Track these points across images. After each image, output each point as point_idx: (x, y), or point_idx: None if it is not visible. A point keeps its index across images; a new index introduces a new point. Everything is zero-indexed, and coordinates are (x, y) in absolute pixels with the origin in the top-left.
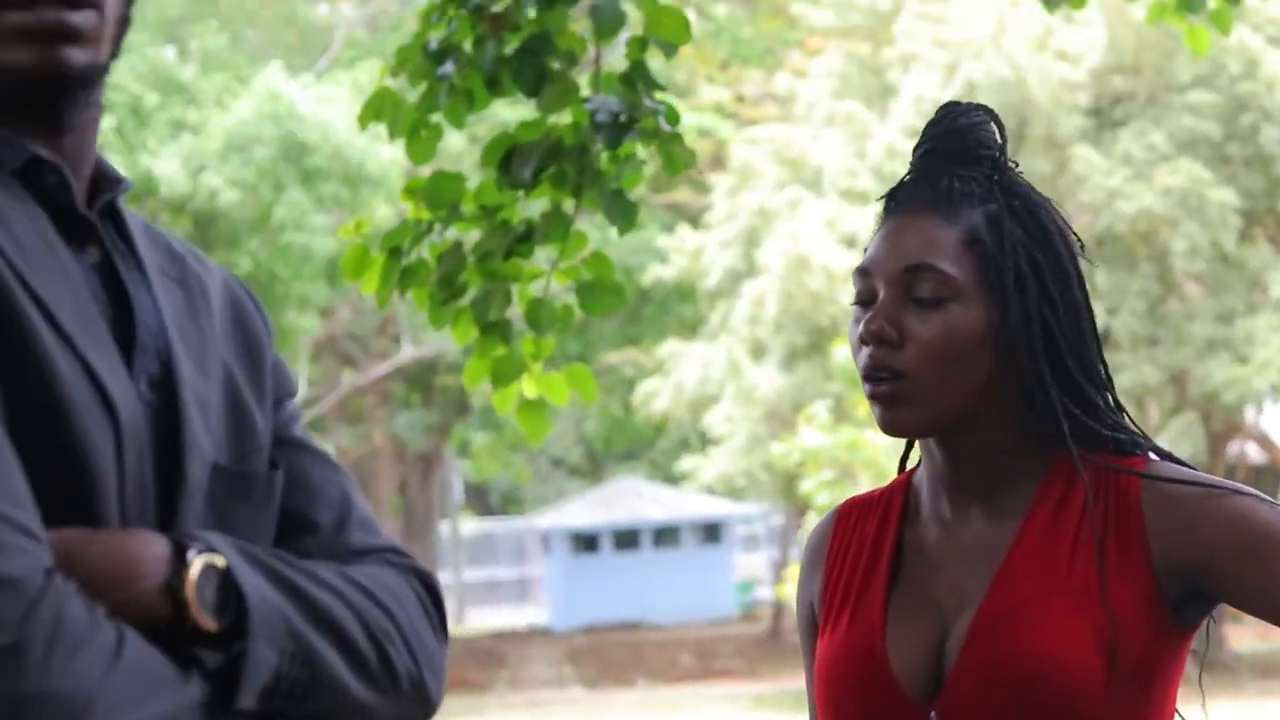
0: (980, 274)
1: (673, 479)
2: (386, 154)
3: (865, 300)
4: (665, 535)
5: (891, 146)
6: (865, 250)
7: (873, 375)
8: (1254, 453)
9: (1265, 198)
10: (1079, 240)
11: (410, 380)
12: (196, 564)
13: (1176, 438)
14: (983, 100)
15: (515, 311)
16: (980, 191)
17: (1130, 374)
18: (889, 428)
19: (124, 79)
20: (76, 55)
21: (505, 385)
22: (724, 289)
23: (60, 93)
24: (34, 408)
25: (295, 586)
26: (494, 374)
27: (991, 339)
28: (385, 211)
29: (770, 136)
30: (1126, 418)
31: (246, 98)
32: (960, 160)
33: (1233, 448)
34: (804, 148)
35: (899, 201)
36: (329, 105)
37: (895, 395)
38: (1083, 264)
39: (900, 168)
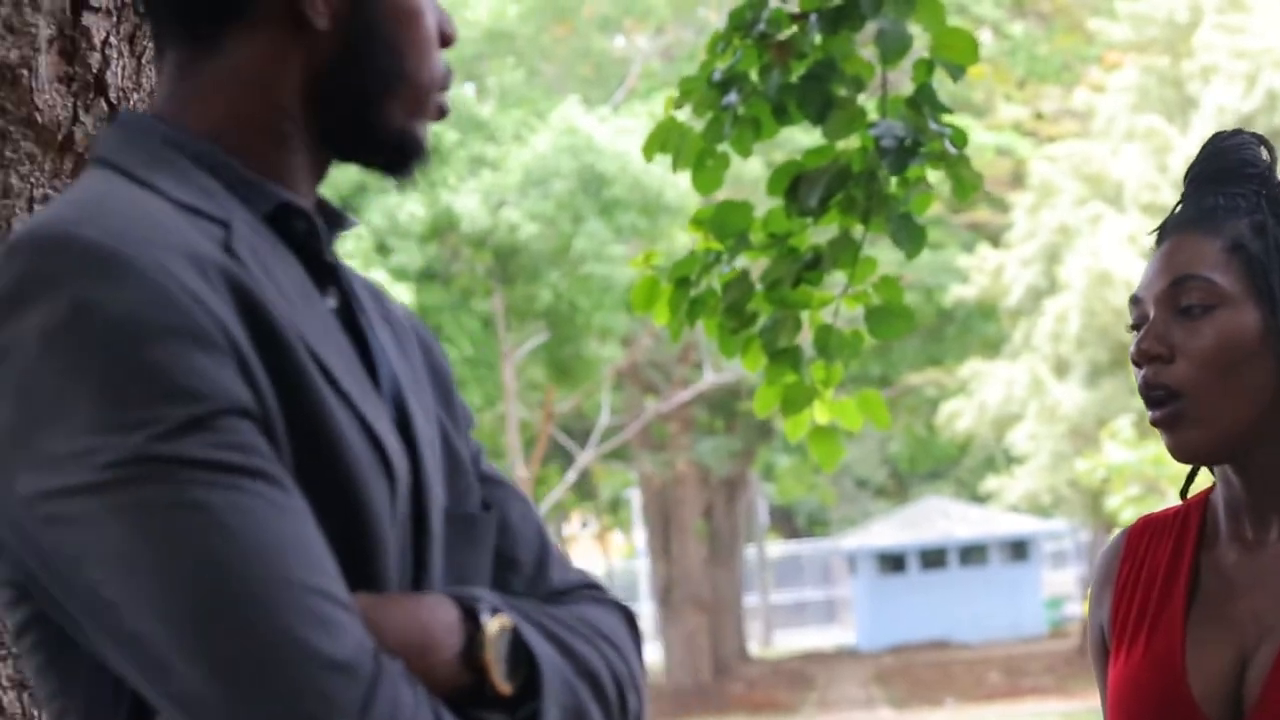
0: (1247, 279)
1: (978, 498)
2: (684, 183)
3: (1138, 325)
4: (972, 554)
5: (1192, 158)
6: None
7: (1149, 395)
8: None
9: None
10: None
11: (713, 406)
12: (492, 627)
13: None
14: None
15: (804, 338)
16: (1246, 205)
17: None
18: (1177, 452)
19: None
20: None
21: (796, 413)
22: (1025, 307)
23: (425, 161)
24: (324, 469)
25: (559, 638)
26: (784, 401)
27: (1268, 344)
28: (684, 240)
29: (1069, 153)
30: None
31: (544, 132)
32: (1225, 180)
33: None
34: (1104, 163)
35: (1168, 227)
36: (626, 136)
37: (1175, 416)
38: None
39: None
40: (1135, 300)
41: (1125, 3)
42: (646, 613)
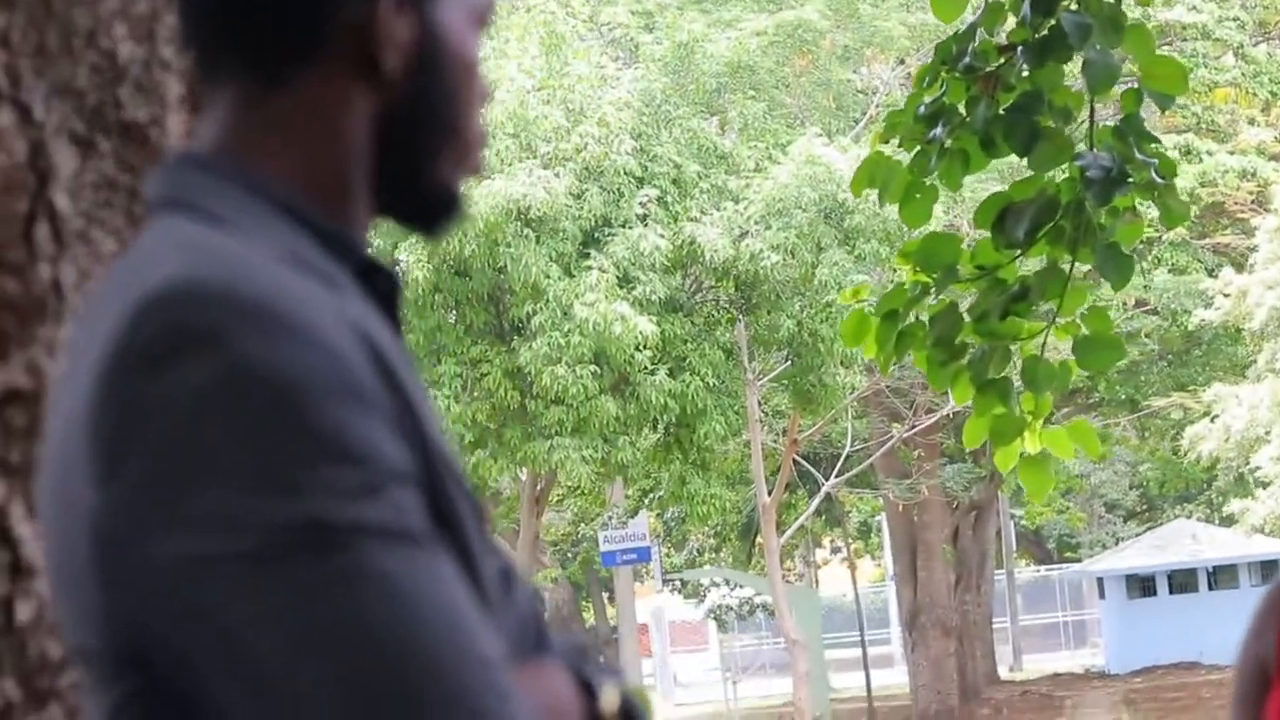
0: None
1: (1227, 520)
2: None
3: None
4: (1222, 575)
5: None
6: None
7: None
8: None
9: None
10: None
11: (958, 431)
12: (611, 695)
13: None
14: None
15: (1012, 369)
16: None
17: None
18: None
19: (667, 151)
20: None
21: (1005, 444)
22: (1270, 330)
23: (460, 217)
24: (449, 532)
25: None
26: (994, 433)
27: None
28: None
29: None
30: None
31: (785, 163)
32: None
33: None
34: None
35: None
36: None
37: None
38: None
39: None
40: None
41: None
42: (895, 637)
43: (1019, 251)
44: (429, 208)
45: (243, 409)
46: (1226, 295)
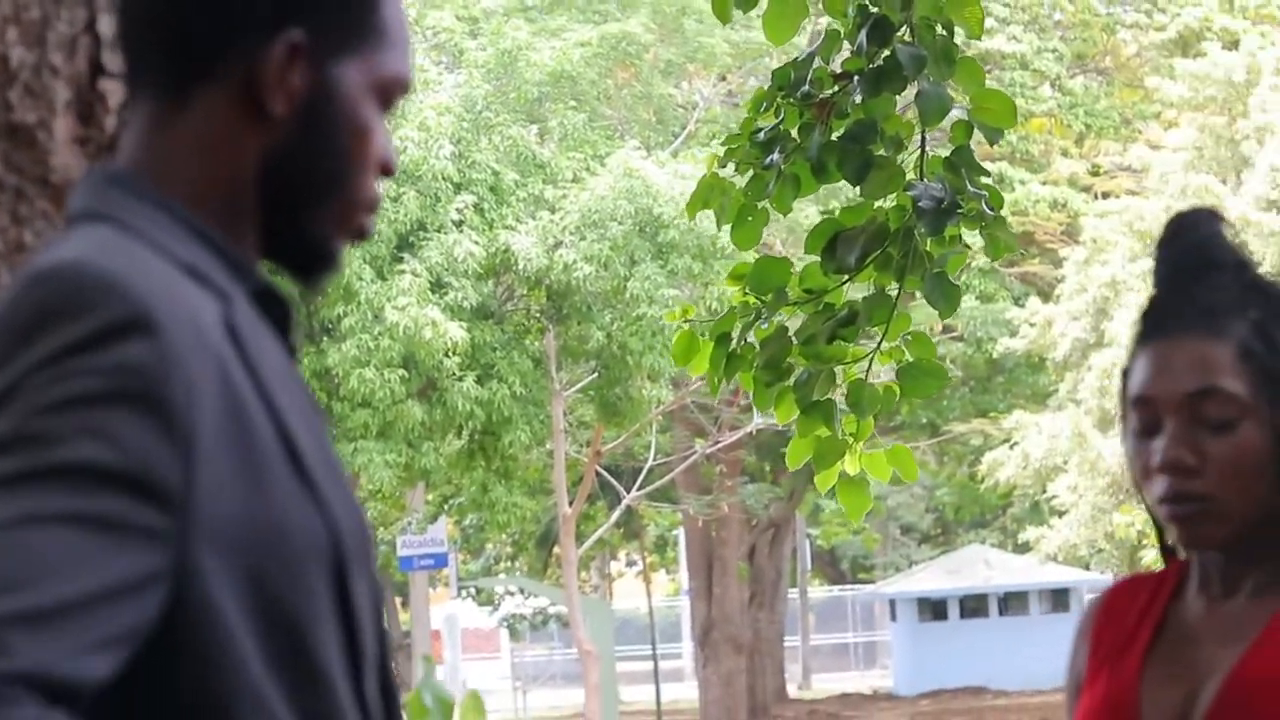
0: (1258, 387)
1: (1021, 547)
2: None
3: (1149, 427)
4: (1013, 602)
5: (1244, 219)
6: (1132, 376)
7: (1176, 500)
8: None
9: None
10: None
11: (760, 449)
12: None
13: None
14: None
15: (836, 392)
16: (1237, 300)
17: None
18: (1192, 544)
19: (485, 157)
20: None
21: (827, 466)
22: (1073, 360)
23: (335, 274)
24: (282, 564)
25: None
26: (817, 455)
27: (1272, 449)
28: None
29: (1123, 208)
30: None
31: (603, 175)
32: (1206, 271)
33: None
34: (1156, 219)
35: (1159, 323)
36: (684, 182)
37: (1202, 515)
38: None
39: (1254, 240)
40: (1144, 402)
41: (1184, 61)
42: (687, 652)
43: (846, 277)
44: (303, 257)
45: (80, 371)
46: (1032, 325)
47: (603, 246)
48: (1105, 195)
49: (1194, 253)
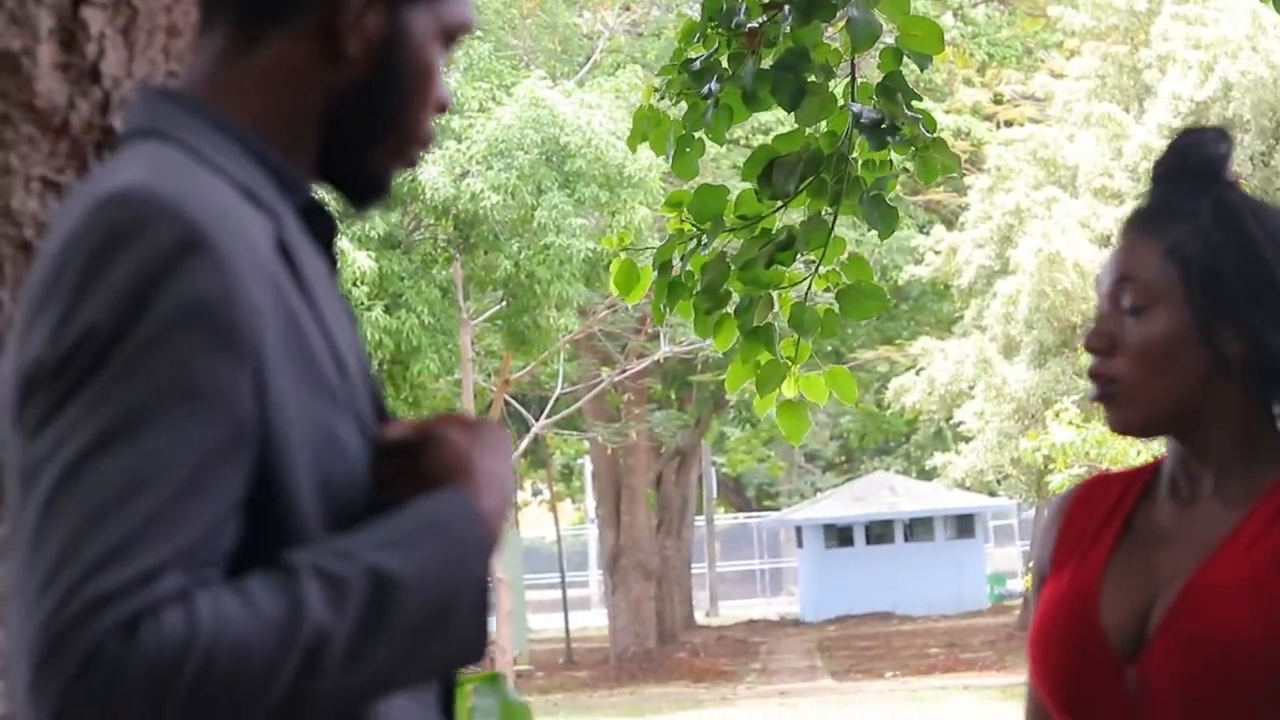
0: (1182, 280)
1: (926, 474)
2: (645, 157)
3: (1096, 314)
4: (918, 528)
5: (1147, 146)
6: None
7: (1092, 380)
8: None
9: None
10: None
11: (668, 378)
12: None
13: None
14: (1239, 99)
15: (774, 317)
16: (1192, 206)
17: None
18: (1112, 426)
19: None
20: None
21: (769, 390)
22: (978, 287)
23: (385, 201)
24: (331, 461)
25: None
26: (759, 380)
27: (1198, 342)
28: (644, 213)
29: (1026, 137)
30: None
31: (509, 104)
32: (1181, 179)
33: None
34: (1059, 148)
35: (1126, 223)
36: (590, 111)
37: (1110, 398)
38: None
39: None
40: (1096, 288)
41: None
42: (594, 580)
43: (782, 203)
44: (359, 186)
45: (140, 299)
46: (937, 252)
47: (509, 176)
48: (1009, 124)
49: (1174, 160)
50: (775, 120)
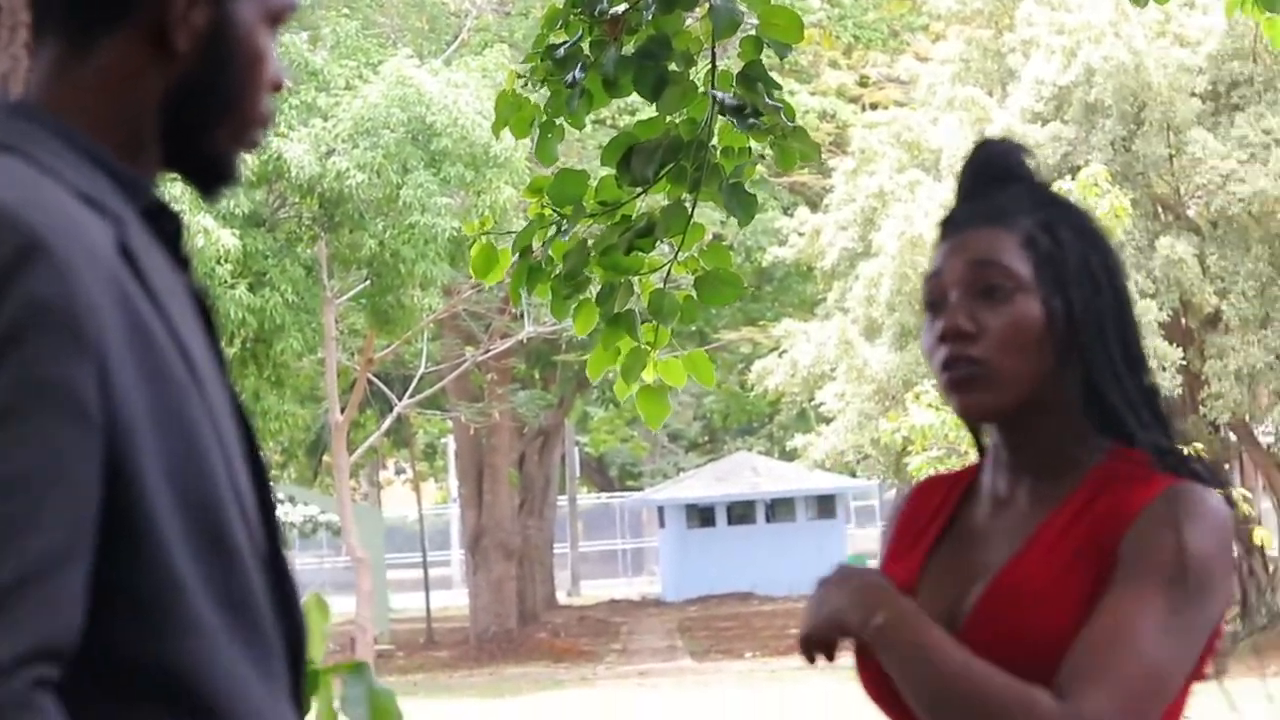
0: (1038, 271)
1: (788, 455)
2: (510, 138)
3: (936, 302)
4: (780, 509)
5: (1010, 130)
6: (932, 262)
7: (951, 365)
8: None
9: None
10: (1116, 251)
11: (531, 357)
12: None
13: None
14: (1101, 85)
15: (635, 302)
16: (1029, 204)
17: (1239, 355)
18: (967, 411)
19: None
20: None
21: (633, 376)
22: (841, 269)
23: (233, 182)
24: (186, 457)
25: None
26: (624, 368)
27: (1051, 333)
28: (509, 193)
29: (891, 120)
30: (1157, 406)
31: (376, 83)
32: (1002, 181)
33: None
34: (923, 131)
35: (956, 223)
36: (456, 90)
37: (973, 379)
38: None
39: None
40: (933, 276)
41: None
42: (457, 559)
43: (641, 189)
44: (205, 172)
45: None
46: (801, 234)
47: (375, 154)
48: (873, 106)
49: (993, 166)
50: (641, 101)
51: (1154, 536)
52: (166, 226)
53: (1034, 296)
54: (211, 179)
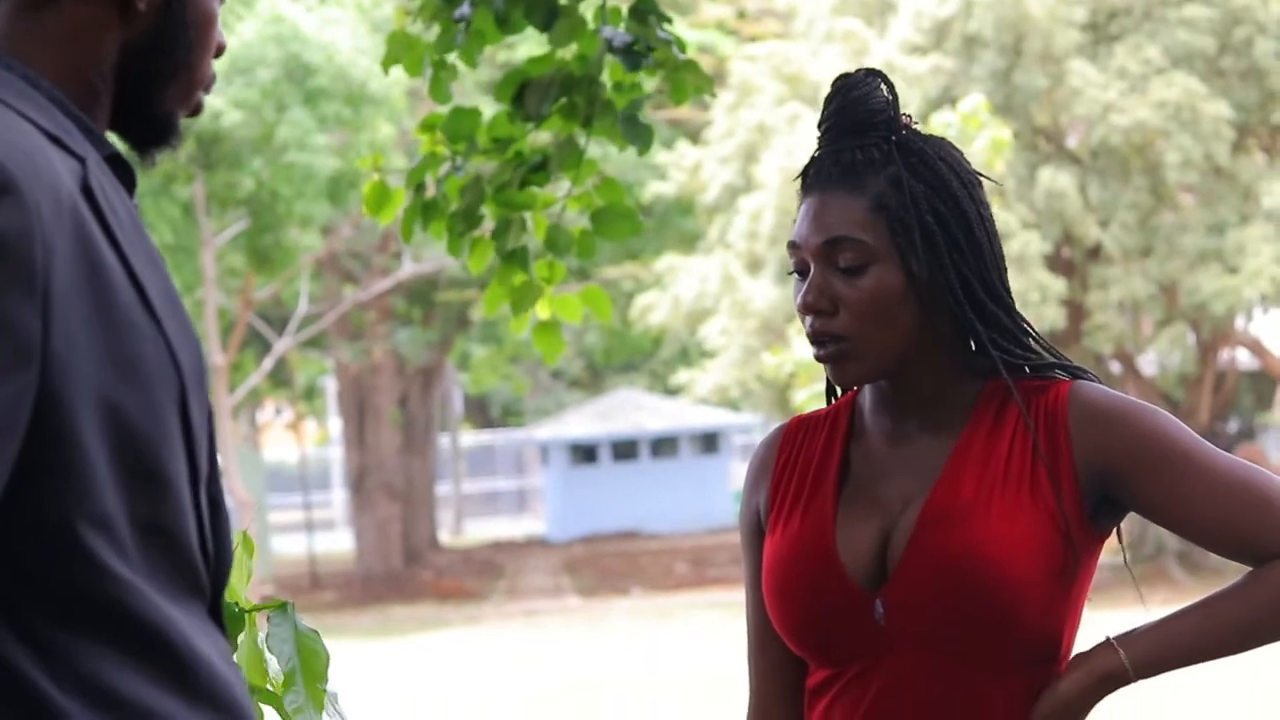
0: (890, 236)
1: (671, 391)
2: (390, 74)
3: (801, 270)
4: (663, 446)
5: (890, 63)
6: (795, 225)
7: (816, 340)
8: (1245, 359)
9: (1258, 110)
10: (977, 174)
11: (411, 296)
12: None
13: (1168, 347)
14: (980, 16)
15: (529, 238)
16: (880, 157)
17: (1121, 286)
18: (841, 381)
19: None
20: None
21: (524, 310)
22: (722, 204)
23: (175, 145)
24: (135, 390)
25: None
26: (514, 301)
27: (912, 292)
28: (387, 130)
29: (770, 53)
30: (1034, 337)
31: (250, 20)
32: (859, 130)
33: (1224, 355)
34: (803, 64)
35: (814, 179)
36: (332, 26)
37: (840, 355)
38: (986, 191)
39: (898, 83)
40: (794, 246)
41: None
42: (339, 500)
43: (534, 125)
44: (150, 130)
45: None
46: (681, 169)
47: (251, 93)
48: (752, 39)
49: (848, 113)
50: (522, 39)
51: (1126, 432)
52: (123, 177)
53: (890, 264)
54: (155, 139)
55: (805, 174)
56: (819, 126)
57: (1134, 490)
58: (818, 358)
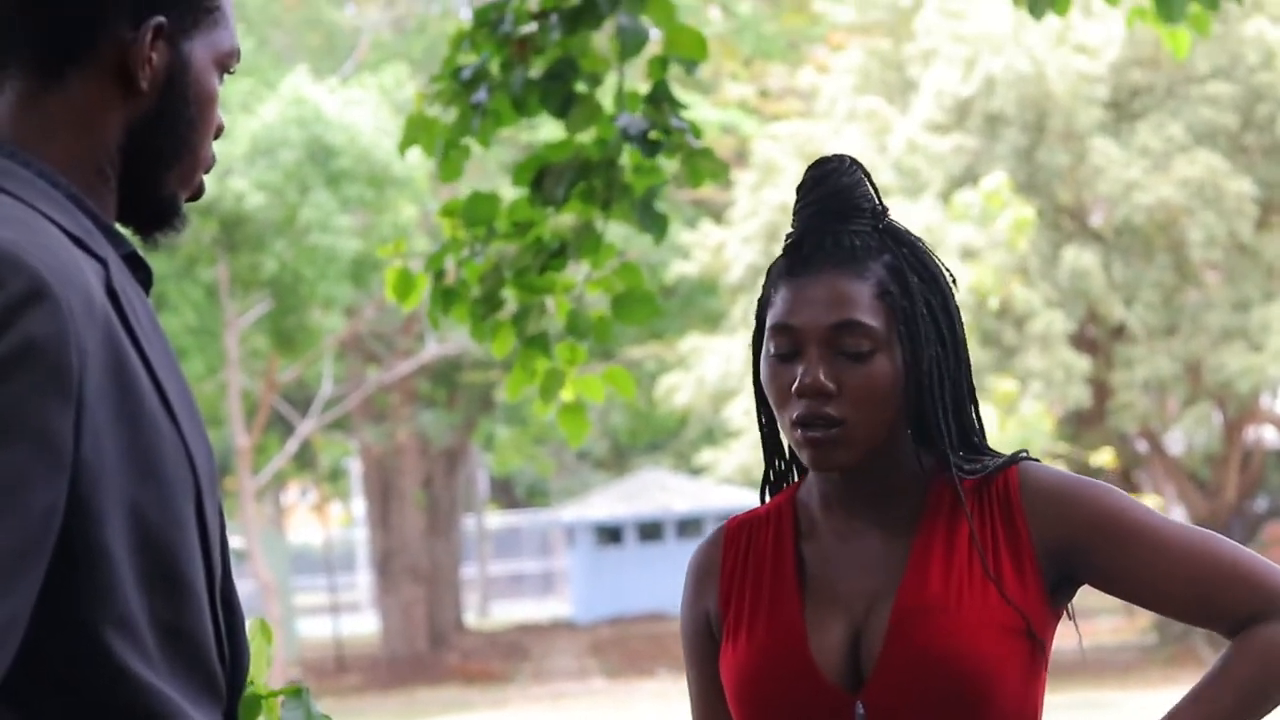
0: (893, 323)
1: (696, 471)
2: (411, 156)
3: (789, 354)
4: (689, 526)
5: (912, 141)
6: (773, 306)
7: (810, 423)
8: (1271, 436)
9: None
10: (949, 273)
11: (435, 377)
12: None
13: (1194, 426)
14: (1003, 94)
15: (550, 322)
16: (875, 244)
17: (1146, 365)
18: (819, 466)
19: None
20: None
21: (551, 396)
22: (746, 284)
23: (179, 229)
24: (155, 490)
25: None
26: (542, 388)
27: (901, 383)
28: (410, 212)
29: (793, 132)
30: (980, 434)
31: (272, 101)
32: (848, 216)
33: (1250, 433)
34: (825, 143)
35: (805, 260)
36: (355, 108)
37: (833, 440)
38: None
39: (920, 162)
40: (786, 329)
41: None
42: (364, 582)
43: (553, 209)
44: (155, 214)
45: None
46: (704, 248)
47: (274, 174)
48: (775, 119)
49: (835, 198)
50: (546, 117)
51: (1081, 508)
52: (140, 275)
53: (889, 354)
54: (159, 223)
55: (789, 255)
56: (801, 208)
57: (1096, 564)
58: (806, 440)
